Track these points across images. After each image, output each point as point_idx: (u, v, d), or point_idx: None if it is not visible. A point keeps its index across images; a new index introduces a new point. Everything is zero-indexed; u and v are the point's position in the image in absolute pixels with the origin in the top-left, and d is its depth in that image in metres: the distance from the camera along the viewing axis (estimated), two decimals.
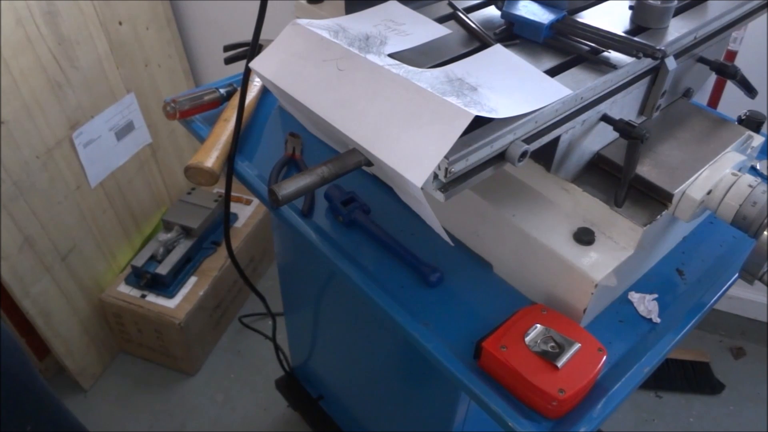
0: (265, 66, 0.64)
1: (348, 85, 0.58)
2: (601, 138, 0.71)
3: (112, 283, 1.68)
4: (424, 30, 0.69)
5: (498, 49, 0.65)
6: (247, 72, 0.78)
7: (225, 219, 0.92)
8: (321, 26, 0.65)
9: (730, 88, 1.23)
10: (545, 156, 0.68)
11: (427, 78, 0.58)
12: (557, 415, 0.61)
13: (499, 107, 0.55)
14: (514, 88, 0.59)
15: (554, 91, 0.59)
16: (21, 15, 1.33)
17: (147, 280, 1.62)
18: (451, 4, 0.72)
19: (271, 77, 0.63)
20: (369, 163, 0.58)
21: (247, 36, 0.83)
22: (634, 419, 1.65)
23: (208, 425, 1.57)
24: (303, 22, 0.66)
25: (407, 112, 0.54)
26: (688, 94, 0.82)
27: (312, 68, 0.61)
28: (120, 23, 1.61)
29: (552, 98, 0.59)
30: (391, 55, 0.62)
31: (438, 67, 0.62)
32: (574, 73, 0.64)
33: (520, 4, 0.70)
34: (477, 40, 0.69)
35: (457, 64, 0.62)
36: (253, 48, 0.73)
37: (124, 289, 1.66)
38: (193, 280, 1.68)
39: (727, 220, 0.67)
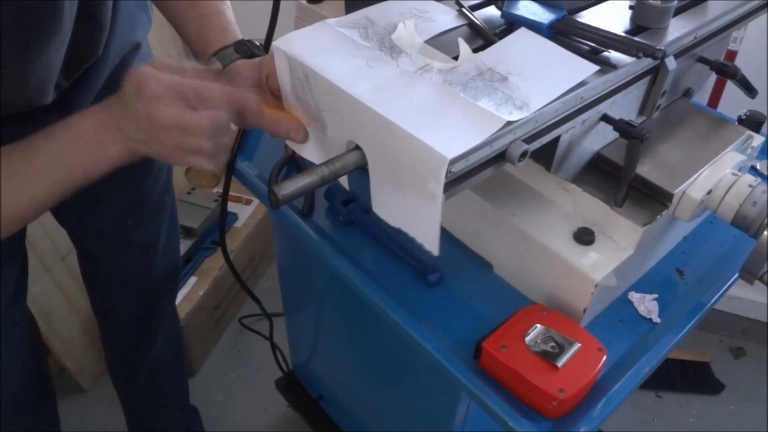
0: (289, 44, 0.63)
1: (379, 78, 0.58)
2: (601, 138, 0.71)
3: None
4: (448, 18, 0.70)
5: (523, 31, 0.66)
6: None
7: (221, 222, 0.91)
8: (350, 23, 0.65)
9: (730, 88, 1.23)
10: (545, 156, 0.68)
11: (459, 77, 0.58)
12: (557, 415, 0.61)
13: (530, 98, 0.56)
14: (543, 71, 0.60)
15: (581, 68, 0.61)
16: None
17: None
18: (458, 2, 0.72)
19: (296, 54, 0.61)
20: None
21: (247, 36, 0.83)
22: (634, 419, 1.65)
23: (208, 425, 1.56)
24: (332, 21, 0.66)
25: (439, 111, 0.55)
26: (688, 94, 0.82)
27: (341, 57, 0.61)
28: None
29: (580, 76, 0.60)
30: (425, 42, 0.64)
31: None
32: None
33: (520, 4, 0.70)
34: (481, 38, 0.69)
35: (487, 51, 0.63)
36: (267, 46, 0.72)
37: None
38: (193, 280, 1.68)
39: (727, 220, 0.67)
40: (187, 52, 2.09)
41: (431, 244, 0.57)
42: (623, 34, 0.66)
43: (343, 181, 0.65)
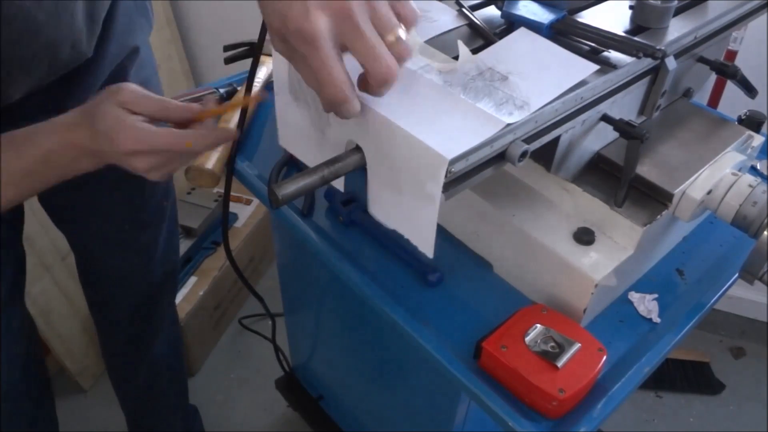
0: None
1: None
2: (601, 138, 0.71)
3: None
4: (448, 17, 0.70)
5: (523, 31, 0.66)
6: (253, 71, 0.78)
7: (224, 221, 0.91)
8: None
9: (730, 88, 1.23)
10: (545, 156, 0.68)
11: (459, 77, 0.59)
12: (557, 415, 0.61)
13: (530, 97, 0.56)
14: (543, 71, 0.61)
15: (581, 68, 0.61)
16: None
17: None
18: (458, 2, 0.72)
19: None
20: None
21: (247, 36, 0.83)
22: (634, 419, 1.65)
23: (208, 425, 1.57)
24: None
25: (439, 111, 0.55)
26: (688, 94, 0.82)
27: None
28: None
29: (580, 76, 0.60)
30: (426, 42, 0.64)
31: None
32: None
33: (520, 4, 0.70)
34: (481, 38, 0.69)
35: (487, 51, 0.63)
36: (260, 47, 0.72)
37: None
38: (193, 280, 1.68)
39: (727, 220, 0.67)
40: (189, 53, 2.07)
41: (426, 246, 0.57)
42: (623, 34, 0.66)
43: (338, 183, 0.64)
